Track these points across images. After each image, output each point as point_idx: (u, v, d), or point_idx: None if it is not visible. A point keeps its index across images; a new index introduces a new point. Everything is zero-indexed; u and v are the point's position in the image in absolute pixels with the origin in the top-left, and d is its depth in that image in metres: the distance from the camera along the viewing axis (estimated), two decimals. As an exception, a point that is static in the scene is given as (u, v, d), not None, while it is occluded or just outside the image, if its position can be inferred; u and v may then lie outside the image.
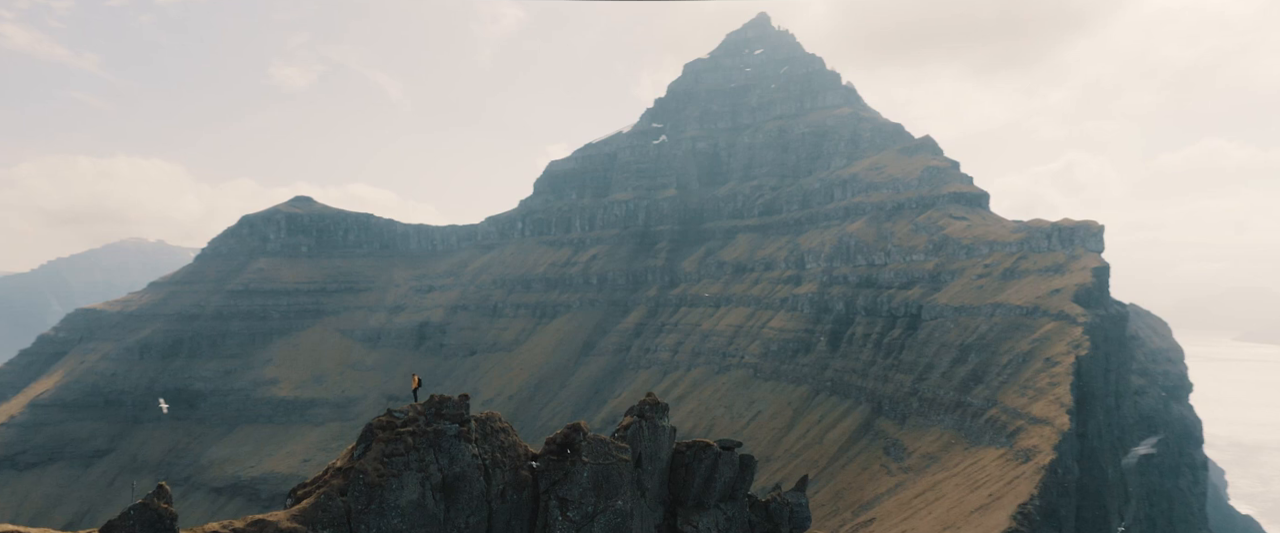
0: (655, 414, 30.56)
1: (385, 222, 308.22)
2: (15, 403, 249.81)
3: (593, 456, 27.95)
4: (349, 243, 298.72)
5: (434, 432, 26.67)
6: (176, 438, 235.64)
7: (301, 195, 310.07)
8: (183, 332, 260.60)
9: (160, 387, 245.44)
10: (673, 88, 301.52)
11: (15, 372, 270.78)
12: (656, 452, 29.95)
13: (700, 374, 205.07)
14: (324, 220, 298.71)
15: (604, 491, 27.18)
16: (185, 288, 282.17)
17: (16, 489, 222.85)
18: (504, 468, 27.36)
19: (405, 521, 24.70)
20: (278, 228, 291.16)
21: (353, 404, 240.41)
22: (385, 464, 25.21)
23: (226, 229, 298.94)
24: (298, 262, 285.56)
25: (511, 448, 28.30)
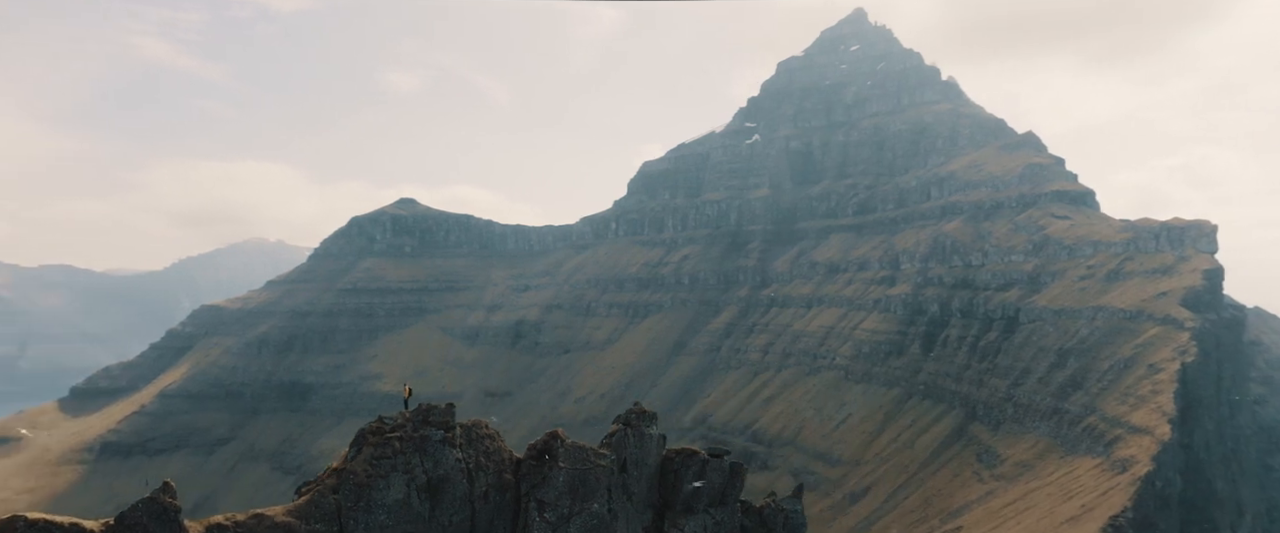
0: (641, 423, 32.28)
1: (484, 223, 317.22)
2: (147, 393, 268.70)
3: (569, 461, 29.56)
4: (450, 243, 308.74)
5: (420, 437, 28.88)
6: (290, 429, 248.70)
7: (406, 197, 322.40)
8: (296, 328, 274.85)
9: (276, 380, 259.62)
10: (766, 86, 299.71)
11: (147, 364, 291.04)
12: (643, 458, 31.27)
13: (790, 375, 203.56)
14: (426, 221, 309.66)
15: (580, 494, 28.76)
16: (299, 286, 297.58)
17: (147, 473, 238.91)
18: (487, 471, 29.13)
19: (391, 517, 26.80)
20: (384, 229, 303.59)
21: (452, 400, 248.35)
22: (373, 466, 27.30)
23: (337, 230, 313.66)
24: (402, 261, 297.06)
25: (496, 453, 30.04)
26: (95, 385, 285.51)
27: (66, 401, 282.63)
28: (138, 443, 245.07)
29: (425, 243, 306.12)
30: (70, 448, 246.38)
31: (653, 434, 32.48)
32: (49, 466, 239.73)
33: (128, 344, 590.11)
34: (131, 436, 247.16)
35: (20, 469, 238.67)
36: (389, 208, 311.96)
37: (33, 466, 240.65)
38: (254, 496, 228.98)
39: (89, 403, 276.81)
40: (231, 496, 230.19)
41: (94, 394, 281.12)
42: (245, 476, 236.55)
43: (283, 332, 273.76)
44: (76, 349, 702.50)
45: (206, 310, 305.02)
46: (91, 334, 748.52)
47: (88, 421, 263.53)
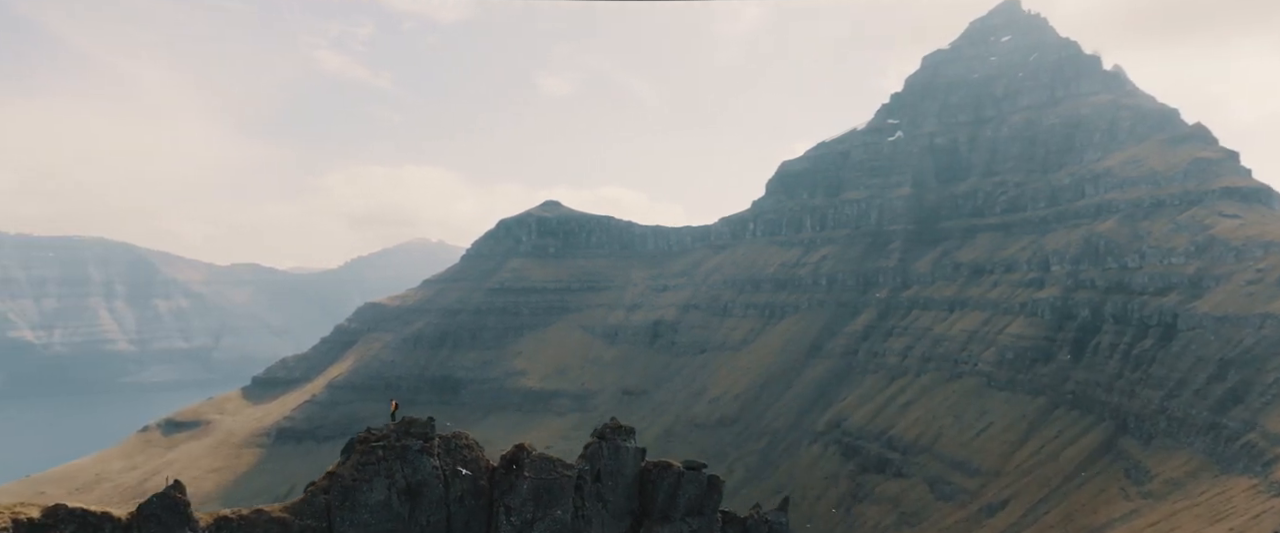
0: (617, 436, 35.26)
1: (624, 224, 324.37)
2: (317, 383, 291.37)
3: (534, 471, 32.14)
4: (592, 244, 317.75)
5: (401, 446, 32.33)
6: (441, 421, 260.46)
7: (551, 200, 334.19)
8: (448, 325, 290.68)
9: (429, 374, 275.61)
10: (910, 82, 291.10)
11: (318, 356, 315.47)
12: (619, 469, 33.41)
13: (929, 380, 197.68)
14: (570, 223, 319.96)
15: (543, 501, 31.16)
16: (451, 286, 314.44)
17: (315, 458, 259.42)
18: (463, 479, 31.87)
19: (374, 517, 30.06)
20: (529, 230, 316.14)
21: (591, 397, 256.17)
22: (359, 471, 30.74)
23: (487, 232, 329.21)
24: (546, 262, 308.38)
25: (473, 462, 32.78)
26: (273, 376, 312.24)
27: (249, 389, 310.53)
28: (309, 430, 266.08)
29: (568, 244, 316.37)
30: (251, 433, 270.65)
31: (629, 447, 34.95)
32: (234, 448, 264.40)
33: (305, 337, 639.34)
34: (304, 423, 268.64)
35: (209, 451, 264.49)
36: (534, 210, 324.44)
37: (220, 447, 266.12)
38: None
39: (268, 391, 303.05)
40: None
41: (272, 384, 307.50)
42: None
43: (436, 328, 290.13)
44: (262, 341, 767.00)
45: (369, 307, 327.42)
46: (275, 327, 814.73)
47: (266, 407, 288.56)
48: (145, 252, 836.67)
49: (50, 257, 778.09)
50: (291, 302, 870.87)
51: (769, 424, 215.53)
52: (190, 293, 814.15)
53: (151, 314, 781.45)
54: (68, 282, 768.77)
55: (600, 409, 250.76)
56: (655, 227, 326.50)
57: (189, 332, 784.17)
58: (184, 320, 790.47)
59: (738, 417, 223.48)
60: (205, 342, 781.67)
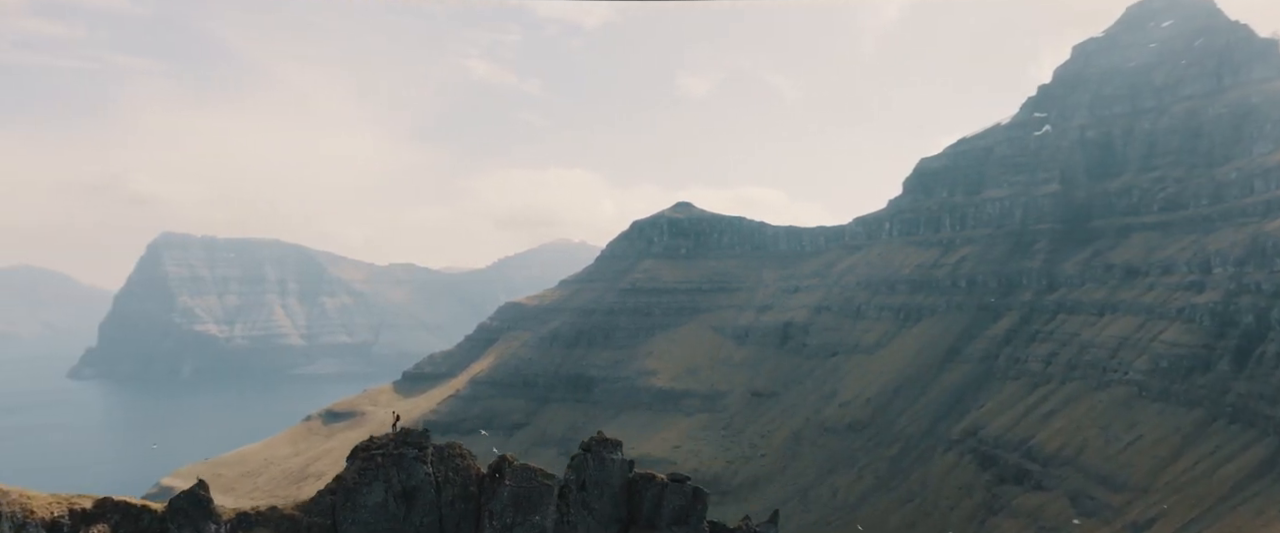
0: (602, 449, 38.43)
1: (756, 224, 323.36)
2: (461, 379, 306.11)
3: (515, 480, 34.46)
4: (723, 245, 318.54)
5: (398, 454, 35.69)
6: (575, 417, 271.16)
7: (682, 201, 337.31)
8: (583, 324, 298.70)
9: (564, 372, 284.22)
10: (1059, 72, 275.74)
11: (462, 353, 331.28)
12: (604, 479, 35.72)
13: (1074, 389, 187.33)
14: (701, 224, 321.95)
15: (523, 507, 33.29)
16: (586, 286, 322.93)
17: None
18: (454, 484, 34.31)
19: (373, 517, 32.97)
20: (661, 232, 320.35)
21: (721, 398, 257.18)
22: (360, 475, 33.79)
23: (620, 234, 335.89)
24: (677, 263, 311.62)
25: (464, 470, 35.14)
26: (421, 371, 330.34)
27: (399, 383, 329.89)
28: (452, 423, 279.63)
29: (700, 245, 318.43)
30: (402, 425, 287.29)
31: (614, 459, 37.42)
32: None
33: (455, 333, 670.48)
34: (448, 416, 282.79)
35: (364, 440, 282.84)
36: (666, 212, 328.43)
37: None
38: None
39: (416, 385, 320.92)
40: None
41: (420, 378, 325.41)
42: (537, 458, 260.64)
43: (571, 327, 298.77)
44: (417, 337, 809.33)
45: (510, 307, 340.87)
46: (428, 324, 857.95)
47: (415, 401, 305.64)
48: (314, 253, 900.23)
49: (232, 258, 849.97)
50: (444, 300, 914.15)
51: (901, 430, 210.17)
52: (353, 291, 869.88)
53: (319, 311, 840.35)
54: (247, 281, 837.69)
55: (729, 410, 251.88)
56: (787, 227, 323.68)
57: (352, 327, 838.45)
58: (347, 317, 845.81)
59: (868, 422, 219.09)
60: (366, 337, 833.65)
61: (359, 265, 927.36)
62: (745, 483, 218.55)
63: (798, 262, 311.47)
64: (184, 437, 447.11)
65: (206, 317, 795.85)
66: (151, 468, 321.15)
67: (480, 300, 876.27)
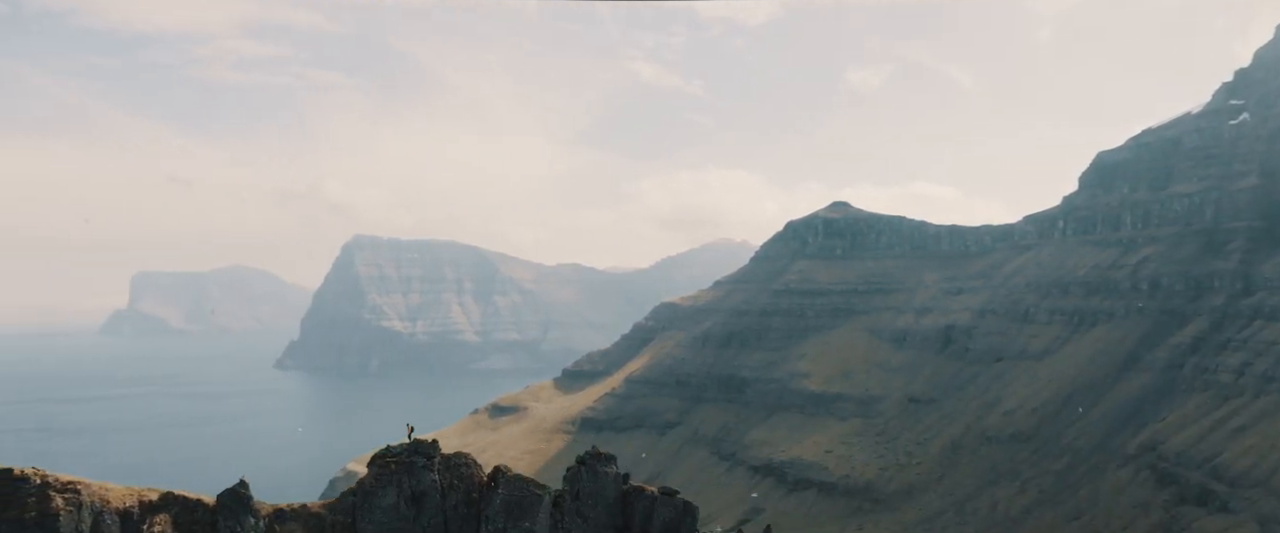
0: (596, 463, 41.24)
1: (916, 223, 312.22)
2: (617, 378, 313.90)
3: (507, 488, 36.10)
4: (881, 245, 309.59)
5: (408, 462, 39.30)
6: (727, 418, 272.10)
7: (839, 201, 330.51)
8: (735, 325, 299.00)
9: (716, 373, 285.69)
10: (1260, 55, 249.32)
11: (618, 352, 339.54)
12: (599, 490, 37.15)
13: (1270, 404, 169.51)
14: (858, 224, 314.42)
15: (514, 514, 34.85)
16: (740, 287, 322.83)
17: (615, 446, 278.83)
18: (457, 491, 36.22)
19: (386, 518, 35.46)
20: (816, 232, 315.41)
21: (875, 402, 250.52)
22: (376, 480, 36.28)
23: (774, 235, 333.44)
24: (832, 264, 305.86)
25: (468, 478, 36.91)
26: (580, 369, 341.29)
27: (560, 380, 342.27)
28: (608, 420, 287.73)
29: (856, 245, 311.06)
30: (560, 420, 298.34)
31: (609, 472, 38.68)
32: (544, 433, 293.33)
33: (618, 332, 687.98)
34: (604, 413, 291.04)
35: (526, 434, 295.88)
36: (821, 212, 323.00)
37: (534, 432, 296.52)
38: (694, 476, 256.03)
39: (575, 383, 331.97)
40: (676, 474, 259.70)
41: (579, 376, 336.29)
42: (689, 458, 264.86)
43: (724, 328, 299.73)
44: (582, 335, 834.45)
45: (664, 307, 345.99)
46: (594, 323, 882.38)
47: (573, 398, 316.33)
48: (488, 253, 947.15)
49: (415, 258, 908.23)
50: (609, 299, 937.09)
51: (1070, 443, 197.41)
52: (523, 290, 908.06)
53: (492, 309, 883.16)
54: (428, 280, 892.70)
55: (884, 416, 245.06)
56: (950, 226, 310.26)
57: (522, 325, 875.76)
58: (518, 315, 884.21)
59: (1034, 433, 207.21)
60: (535, 334, 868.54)
61: (528, 265, 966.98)
62: (898, 492, 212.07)
63: (962, 262, 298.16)
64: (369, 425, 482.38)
65: (392, 313, 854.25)
66: (339, 453, 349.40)
67: (644, 300, 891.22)
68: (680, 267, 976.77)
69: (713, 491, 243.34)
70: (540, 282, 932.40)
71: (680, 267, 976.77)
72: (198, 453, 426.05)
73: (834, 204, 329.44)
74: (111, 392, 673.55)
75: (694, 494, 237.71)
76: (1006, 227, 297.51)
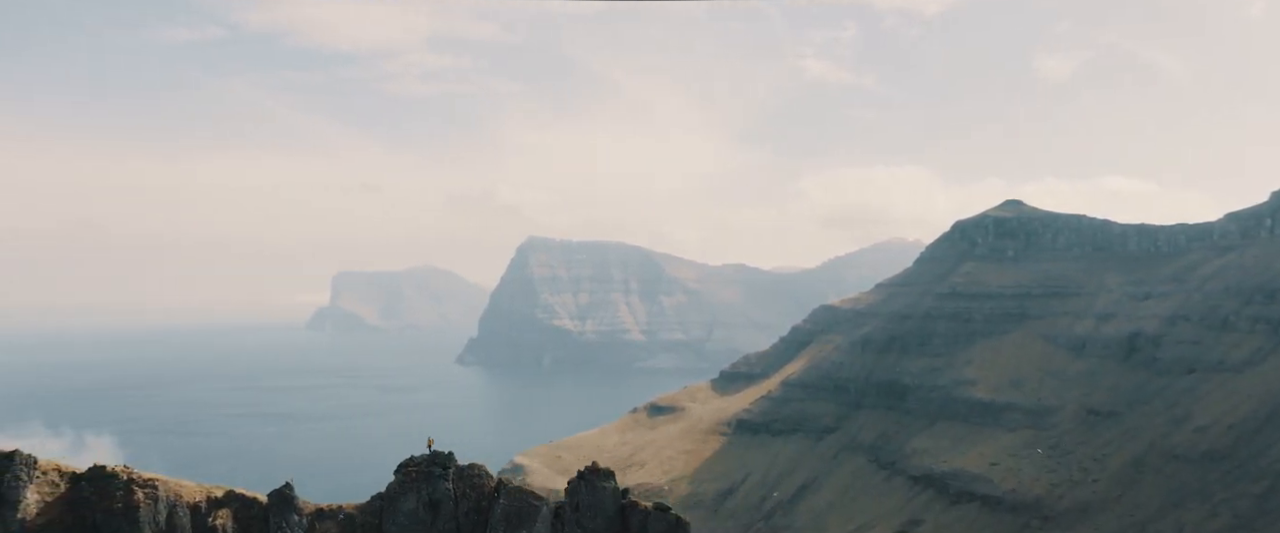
0: (595, 478, 43.75)
1: (1099, 223, 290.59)
2: (773, 380, 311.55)
3: (508, 498, 39.75)
4: (1058, 246, 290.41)
5: (428, 471, 43.13)
6: (886, 425, 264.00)
7: (1012, 199, 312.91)
8: (896, 330, 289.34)
9: (876, 378, 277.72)
10: None
11: (776, 354, 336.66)
12: (598, 503, 42.09)
13: None
14: (1032, 224, 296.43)
15: (512, 522, 38.37)
16: (903, 289, 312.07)
17: (769, 450, 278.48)
18: (469, 499, 39.04)
19: (408, 521, 38.89)
20: (985, 232, 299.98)
21: (1048, 414, 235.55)
22: (400, 486, 39.49)
23: (941, 235, 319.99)
24: (1003, 266, 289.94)
25: (479, 487, 40.38)
26: (737, 371, 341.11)
27: (717, 381, 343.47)
28: (763, 424, 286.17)
29: (1029, 246, 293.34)
30: (716, 421, 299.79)
31: (606, 487, 43.08)
32: (700, 434, 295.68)
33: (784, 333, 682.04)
34: (759, 416, 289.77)
35: (681, 434, 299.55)
36: (992, 210, 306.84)
37: (690, 432, 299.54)
38: (850, 483, 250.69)
39: (732, 385, 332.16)
40: (832, 481, 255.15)
41: (736, 378, 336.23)
42: (845, 464, 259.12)
43: (884, 332, 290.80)
44: (747, 335, 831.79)
45: (823, 309, 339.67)
46: (758, 323, 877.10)
47: (730, 399, 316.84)
48: (653, 254, 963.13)
49: (583, 259, 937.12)
50: (773, 299, 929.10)
51: (1272, 464, 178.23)
52: (688, 290, 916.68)
53: (658, 309, 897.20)
54: (596, 280, 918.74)
55: (1058, 428, 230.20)
56: (1138, 225, 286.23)
57: (687, 325, 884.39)
58: (683, 315, 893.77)
59: (1230, 451, 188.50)
60: (700, 334, 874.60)
61: (693, 265, 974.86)
62: (1072, 509, 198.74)
63: (1150, 264, 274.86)
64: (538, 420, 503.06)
65: (563, 312, 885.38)
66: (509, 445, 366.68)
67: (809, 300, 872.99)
68: (848, 267, 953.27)
69: (869, 499, 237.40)
70: (704, 282, 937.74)
71: (848, 267, 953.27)
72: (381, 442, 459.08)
73: (1006, 203, 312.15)
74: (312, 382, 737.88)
75: (850, 502, 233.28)
76: (1204, 225, 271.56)
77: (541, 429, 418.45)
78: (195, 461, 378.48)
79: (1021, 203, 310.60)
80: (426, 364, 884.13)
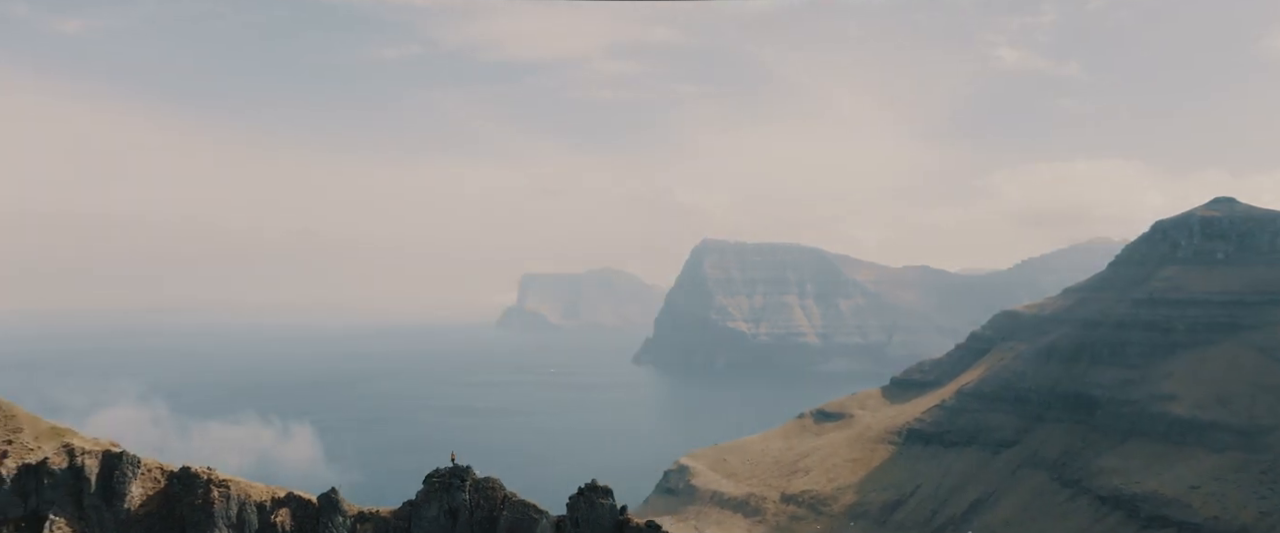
0: (594, 495, 45.88)
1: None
2: (948, 389, 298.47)
3: (511, 511, 43.56)
4: (1277, 248, 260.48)
5: (449, 482, 45.98)
6: (1072, 441, 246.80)
7: (1222, 197, 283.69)
8: (1086, 338, 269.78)
9: (1061, 390, 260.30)
10: None
11: (951, 362, 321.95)
12: (595, 518, 43.99)
13: None
14: (1246, 223, 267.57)
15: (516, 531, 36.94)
16: (1093, 295, 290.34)
17: (941, 462, 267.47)
18: (483, 509, 40.62)
19: (431, 527, 42.85)
20: (1190, 233, 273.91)
21: (1263, 434, 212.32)
22: (426, 495, 43.45)
23: (1139, 236, 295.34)
24: (1211, 270, 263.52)
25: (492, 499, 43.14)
26: (910, 378, 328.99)
27: (887, 388, 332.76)
28: (935, 434, 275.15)
29: (1243, 248, 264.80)
30: (885, 430, 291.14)
31: (605, 504, 45.03)
32: (868, 442, 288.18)
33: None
34: (931, 426, 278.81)
35: (848, 442, 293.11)
36: (1199, 209, 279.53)
37: (857, 440, 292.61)
38: (1029, 502, 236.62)
39: (904, 393, 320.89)
40: (1010, 498, 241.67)
41: (908, 385, 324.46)
42: (1025, 481, 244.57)
43: (1072, 340, 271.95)
44: (930, 340, 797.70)
45: (1004, 315, 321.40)
46: (943, 328, 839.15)
47: (901, 408, 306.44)
48: (830, 255, 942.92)
49: (758, 261, 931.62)
50: (960, 303, 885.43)
51: None
52: (866, 293, 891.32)
53: (834, 312, 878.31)
54: (771, 282, 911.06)
55: (1274, 450, 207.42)
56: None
57: (865, 329, 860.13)
58: (861, 318, 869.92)
59: None
60: (879, 338, 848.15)
61: (872, 267, 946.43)
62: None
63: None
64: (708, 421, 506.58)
65: (737, 314, 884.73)
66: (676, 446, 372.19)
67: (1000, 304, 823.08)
68: (1044, 269, 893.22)
69: (1049, 519, 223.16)
70: (884, 284, 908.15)
71: (1044, 269, 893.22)
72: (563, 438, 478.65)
73: (1215, 201, 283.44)
74: (499, 378, 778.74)
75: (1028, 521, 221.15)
76: None
77: (711, 431, 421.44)
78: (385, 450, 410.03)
79: (1234, 200, 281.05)
80: (604, 363, 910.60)
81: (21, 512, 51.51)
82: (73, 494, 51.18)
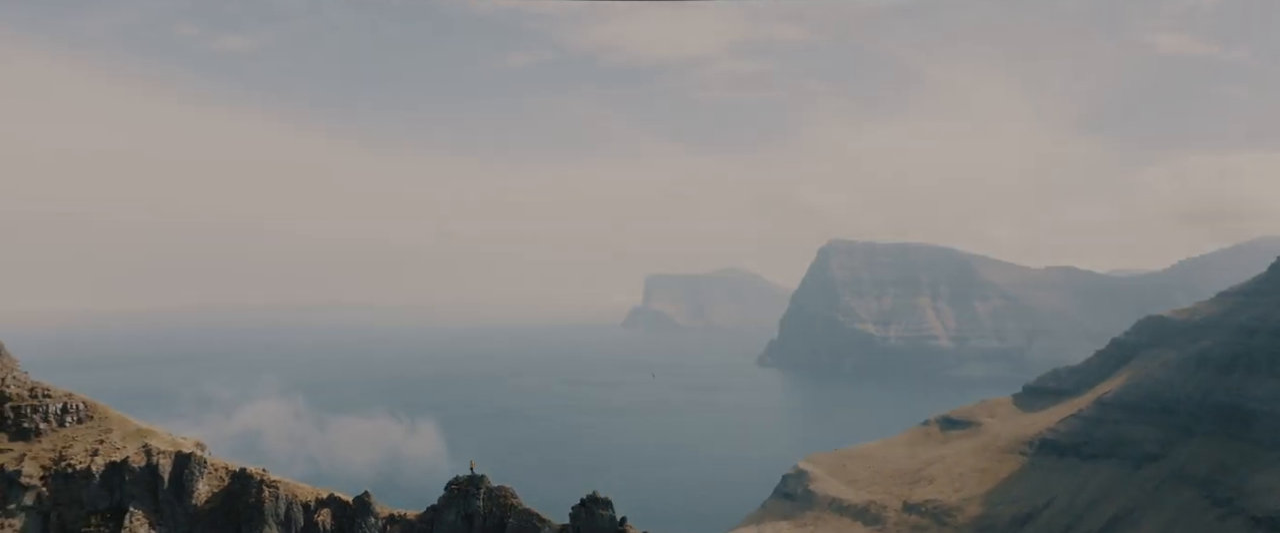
0: (594, 506, 46.72)
1: None
2: (1085, 398, 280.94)
3: (518, 519, 45.66)
4: None
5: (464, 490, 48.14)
6: (1225, 456, 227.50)
7: None
8: (1243, 346, 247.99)
9: (1212, 401, 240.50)
10: None
11: (1090, 370, 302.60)
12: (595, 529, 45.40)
13: None
14: None
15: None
16: (1252, 299, 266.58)
17: (1078, 475, 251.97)
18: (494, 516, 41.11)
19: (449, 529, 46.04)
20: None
21: None
22: (447, 501, 45.88)
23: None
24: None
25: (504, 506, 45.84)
26: (1044, 385, 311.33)
27: (1019, 396, 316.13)
28: (1071, 445, 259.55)
29: None
30: (1015, 439, 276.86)
31: (605, 515, 46.27)
32: (996, 452, 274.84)
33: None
34: (1067, 437, 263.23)
35: (975, 451, 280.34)
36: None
37: (984, 450, 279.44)
38: (1176, 520, 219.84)
39: (1036, 401, 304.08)
40: (1153, 516, 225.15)
41: (1042, 393, 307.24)
42: (1170, 498, 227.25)
43: (1227, 348, 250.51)
44: (1077, 345, 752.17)
45: (1150, 321, 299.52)
46: (1091, 332, 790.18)
47: (1033, 417, 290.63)
48: (965, 256, 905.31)
49: (887, 262, 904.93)
50: (1110, 306, 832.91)
51: None
52: (1005, 295, 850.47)
53: (969, 315, 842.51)
54: (901, 283, 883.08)
55: None
56: None
57: (1003, 332, 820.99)
58: (999, 321, 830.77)
59: None
60: (1018, 343, 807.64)
61: (1010, 268, 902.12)
62: None
63: None
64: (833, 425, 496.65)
65: (865, 316, 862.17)
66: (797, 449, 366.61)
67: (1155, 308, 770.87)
68: (1205, 269, 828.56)
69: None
70: (1024, 286, 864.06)
71: (1205, 269, 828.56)
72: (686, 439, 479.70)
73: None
74: (625, 378, 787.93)
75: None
76: None
77: (833, 435, 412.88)
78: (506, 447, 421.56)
79: None
80: (729, 364, 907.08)
81: (107, 504, 57.38)
82: (150, 490, 57.08)
